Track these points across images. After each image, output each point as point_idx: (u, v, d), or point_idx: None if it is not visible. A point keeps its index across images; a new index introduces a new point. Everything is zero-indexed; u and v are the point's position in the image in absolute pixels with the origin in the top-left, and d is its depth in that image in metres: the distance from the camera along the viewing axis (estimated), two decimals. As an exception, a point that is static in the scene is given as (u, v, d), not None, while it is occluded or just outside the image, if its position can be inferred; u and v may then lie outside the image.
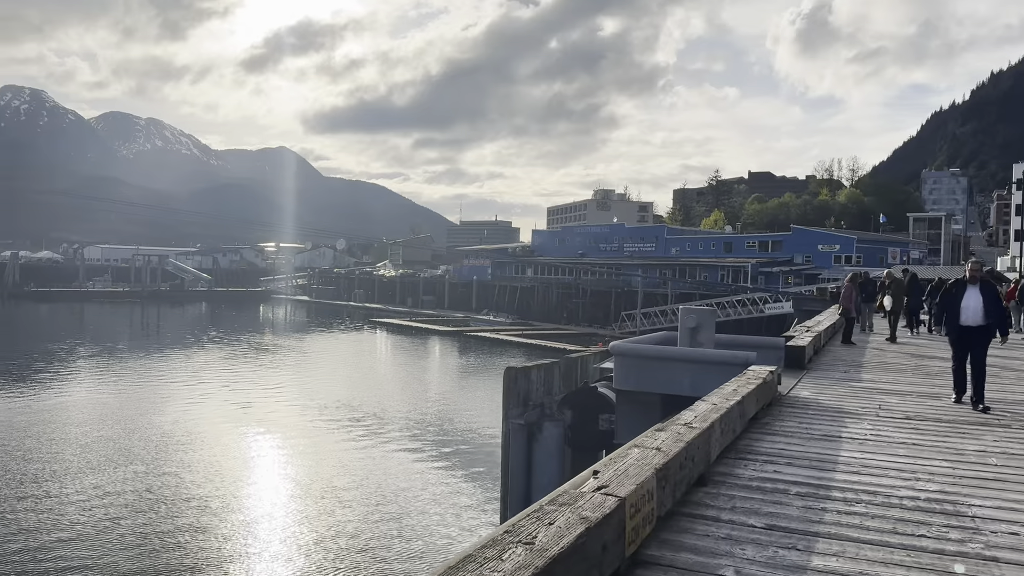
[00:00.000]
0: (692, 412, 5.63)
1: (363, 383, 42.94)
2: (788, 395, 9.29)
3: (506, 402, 11.40)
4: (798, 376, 10.89)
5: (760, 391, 7.29)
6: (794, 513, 4.67)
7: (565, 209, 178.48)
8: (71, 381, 40.86)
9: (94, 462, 24.35)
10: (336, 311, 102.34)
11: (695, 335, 11.05)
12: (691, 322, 11.08)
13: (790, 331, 14.56)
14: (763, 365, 10.44)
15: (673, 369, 10.05)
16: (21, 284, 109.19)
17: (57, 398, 35.44)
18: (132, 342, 61.38)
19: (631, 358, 10.52)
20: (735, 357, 9.61)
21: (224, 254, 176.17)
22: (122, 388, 39.02)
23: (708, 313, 11.77)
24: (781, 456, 6.17)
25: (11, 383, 39.19)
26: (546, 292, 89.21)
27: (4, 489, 21.30)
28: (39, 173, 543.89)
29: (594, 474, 3.72)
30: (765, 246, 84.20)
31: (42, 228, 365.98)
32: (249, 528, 19.11)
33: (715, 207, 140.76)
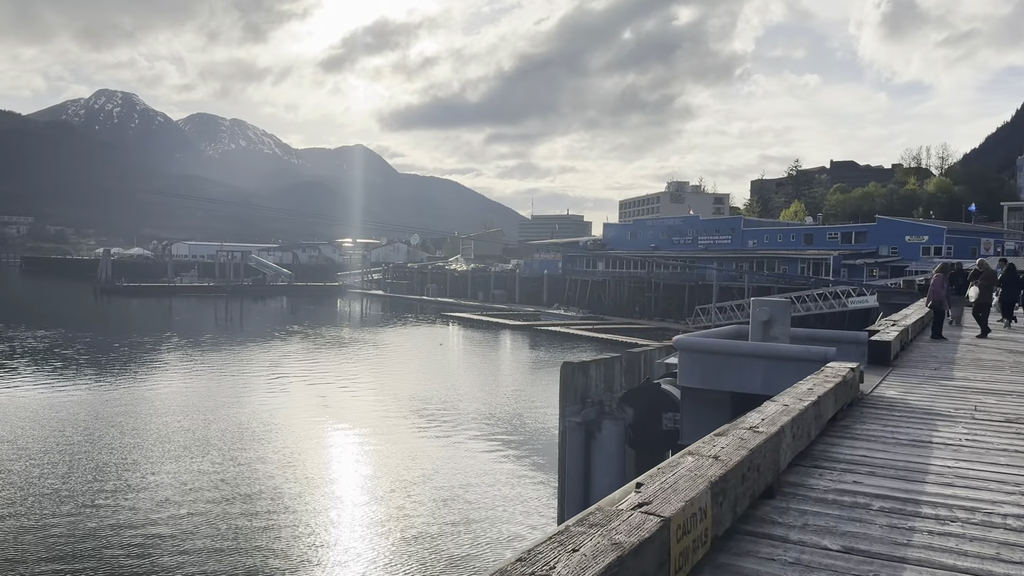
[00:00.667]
0: (759, 414, 5.04)
1: (435, 376, 43.05)
2: (871, 394, 8.51)
3: (563, 399, 10.86)
4: (883, 373, 10.06)
5: (839, 390, 6.61)
6: (876, 533, 4.05)
7: (638, 202, 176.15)
8: (156, 373, 42.23)
9: (173, 452, 24.94)
10: (409, 305, 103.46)
11: (768, 329, 10.26)
12: (763, 315, 10.30)
13: (874, 325, 13.57)
14: (843, 361, 9.67)
15: (743, 365, 9.33)
16: (113, 280, 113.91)
17: (141, 389, 36.61)
18: (216, 335, 63.18)
19: (697, 353, 9.81)
20: (812, 353, 8.87)
21: (303, 250, 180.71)
22: (204, 380, 40.08)
23: (782, 305, 10.92)
24: (862, 464, 5.51)
25: (99, 375, 40.71)
26: (618, 286, 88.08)
27: (86, 478, 21.96)
28: (131, 173, 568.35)
29: (637, 487, 3.23)
30: (848, 237, 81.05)
31: (134, 226, 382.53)
32: (318, 520, 19.18)
33: (795, 198, 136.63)
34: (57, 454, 24.31)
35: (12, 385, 36.30)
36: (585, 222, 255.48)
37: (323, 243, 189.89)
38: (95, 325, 68.60)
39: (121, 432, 27.33)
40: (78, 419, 29.14)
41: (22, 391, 34.85)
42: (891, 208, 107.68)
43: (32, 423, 28.29)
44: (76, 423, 28.44)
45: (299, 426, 29.54)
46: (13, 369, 41.05)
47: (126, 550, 17.05)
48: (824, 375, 6.82)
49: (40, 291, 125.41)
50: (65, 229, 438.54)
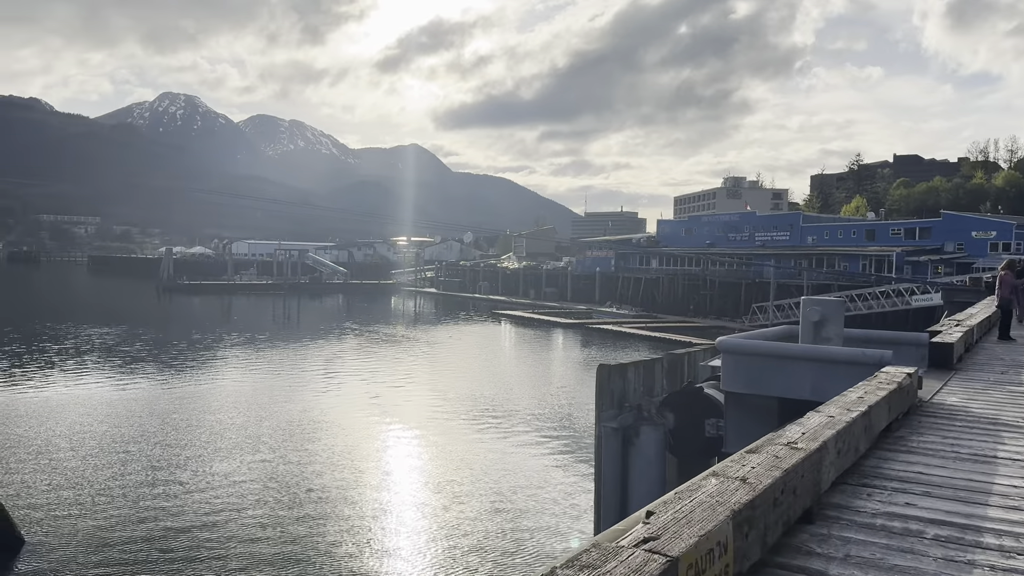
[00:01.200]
0: (800, 427, 4.59)
1: (486, 375, 42.90)
2: (931, 401, 7.92)
3: (599, 403, 10.39)
4: (944, 378, 9.39)
5: (894, 398, 6.09)
6: (930, 568, 3.56)
7: (693, 198, 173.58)
8: (213, 370, 43.00)
9: (223, 450, 25.22)
10: (462, 303, 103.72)
11: (819, 330, 9.62)
12: (815, 315, 9.67)
13: (937, 326, 12.78)
14: (902, 365, 9.08)
15: (791, 369, 8.66)
16: (175, 278, 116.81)
17: (197, 386, 37.27)
18: (273, 333, 64.17)
19: (741, 356, 9.12)
20: (866, 356, 8.32)
21: (359, 248, 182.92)
22: (259, 377, 40.65)
23: (835, 305, 10.25)
24: (917, 482, 4.99)
25: (157, 371, 41.61)
26: (672, 284, 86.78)
27: (138, 474, 22.32)
28: (194, 174, 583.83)
29: (647, 517, 2.85)
30: (912, 233, 78.38)
31: (197, 225, 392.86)
32: (364, 519, 19.10)
33: (856, 193, 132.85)
34: (112, 450, 24.79)
35: (73, 382, 37.31)
36: (639, 219, 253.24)
37: (378, 242, 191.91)
38: (156, 322, 70.39)
39: (175, 429, 27.78)
40: (134, 415, 29.75)
41: (83, 387, 35.79)
42: (957, 203, 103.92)
43: (90, 419, 28.97)
44: (132, 419, 29.03)
45: (349, 424, 29.65)
46: (76, 366, 42.24)
47: (175, 545, 17.22)
48: (878, 381, 6.29)
49: (105, 289, 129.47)
50: (131, 229, 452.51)
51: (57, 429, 27.07)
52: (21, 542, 17.48)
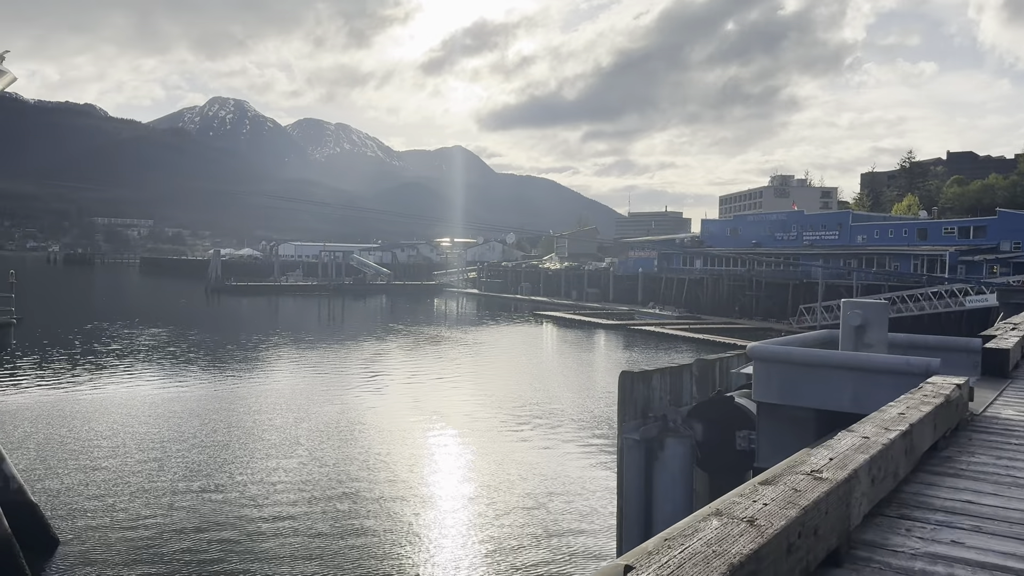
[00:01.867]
0: (828, 451, 4.03)
1: (525, 377, 42.47)
2: (983, 415, 7.24)
3: (621, 413, 9.82)
4: (999, 388, 8.65)
5: (940, 413, 5.47)
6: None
7: (739, 197, 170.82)
8: (255, 370, 43.30)
9: (262, 450, 25.21)
10: (504, 304, 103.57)
11: (861, 335, 8.92)
12: (856, 319, 8.95)
13: (991, 330, 11.96)
14: (951, 374, 8.39)
15: (829, 378, 8.07)
16: (223, 279, 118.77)
17: (240, 386, 37.51)
18: (316, 333, 64.67)
19: (774, 364, 8.46)
20: (911, 365, 7.69)
21: (402, 249, 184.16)
22: (301, 377, 40.82)
23: (878, 308, 9.48)
24: (965, 514, 4.39)
25: (200, 371, 42.04)
26: (716, 284, 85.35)
27: (175, 476, 22.37)
28: (243, 177, 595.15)
29: (625, 572, 2.36)
30: (966, 232, 75.81)
31: (246, 227, 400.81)
32: (394, 521, 18.83)
33: (908, 191, 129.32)
34: (151, 452, 24.94)
35: (117, 382, 37.85)
36: (684, 219, 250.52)
37: (421, 243, 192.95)
38: (204, 323, 71.45)
39: (215, 430, 27.90)
40: (174, 415, 29.98)
41: (126, 388, 36.27)
42: (1014, 201, 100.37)
43: (132, 419, 29.26)
44: (172, 420, 29.25)
45: (388, 426, 29.47)
46: (121, 366, 42.91)
47: (208, 549, 17.13)
48: (922, 393, 5.67)
49: (155, 290, 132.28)
50: (182, 231, 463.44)
51: (99, 429, 27.37)
52: (56, 542, 17.59)
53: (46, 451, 24.46)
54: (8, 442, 23.35)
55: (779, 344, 9.03)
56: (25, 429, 26.96)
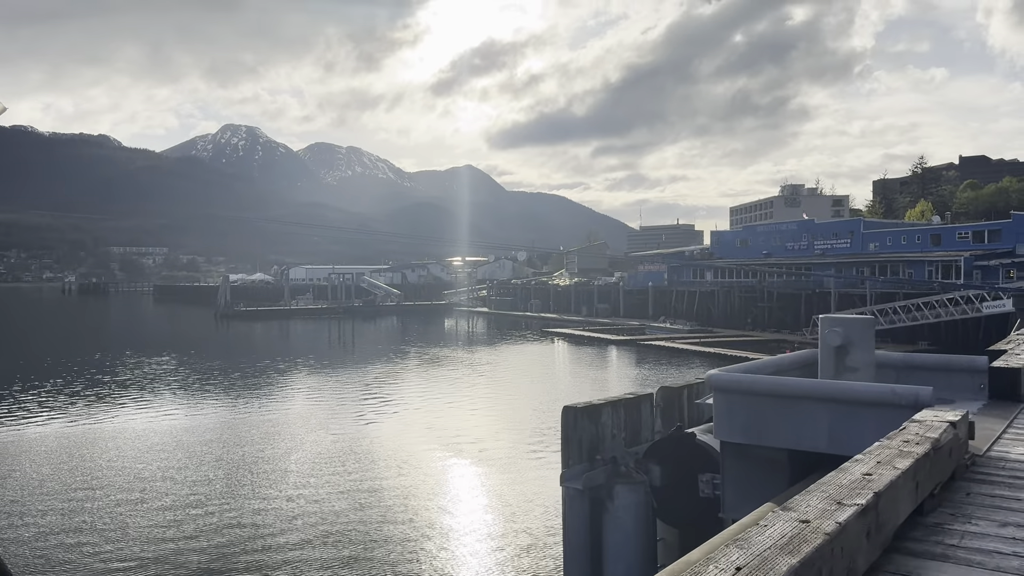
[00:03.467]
0: (742, 551, 2.96)
1: (535, 400, 41.53)
2: (987, 455, 6.06)
3: (564, 456, 8.29)
4: (1008, 416, 7.39)
5: (925, 467, 4.41)
6: None
7: (749, 208, 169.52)
8: (255, 398, 42.58)
9: (253, 485, 24.41)
10: (514, 321, 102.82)
11: (842, 357, 7.75)
12: (835, 339, 7.77)
13: (1002, 343, 10.83)
14: (953, 398, 7.43)
15: (801, 412, 6.67)
16: (232, 304, 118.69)
17: (236, 416, 36.78)
18: (321, 357, 63.98)
19: (737, 395, 7.01)
20: (897, 395, 6.37)
21: (413, 269, 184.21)
22: (302, 404, 40.07)
23: (861, 324, 8.22)
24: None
25: (196, 403, 41.36)
26: (727, 297, 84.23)
27: (156, 515, 21.60)
28: (256, 202, 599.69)
29: None
30: (980, 237, 74.40)
31: (260, 252, 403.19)
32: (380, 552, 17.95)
33: (921, 197, 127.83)
34: (132, 488, 24.19)
35: (111, 415, 37.24)
36: (696, 231, 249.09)
37: (432, 263, 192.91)
38: (210, 349, 71.00)
39: (203, 462, 27.12)
40: (161, 448, 29.25)
41: (119, 421, 35.63)
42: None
43: (120, 454, 28.55)
44: (163, 452, 28.51)
45: (392, 456, 28.62)
46: (120, 398, 42.34)
47: None
48: (902, 440, 4.65)
49: (166, 317, 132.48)
50: (196, 258, 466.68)
51: (85, 466, 26.64)
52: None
53: (21, 492, 23.73)
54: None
55: (745, 371, 7.76)
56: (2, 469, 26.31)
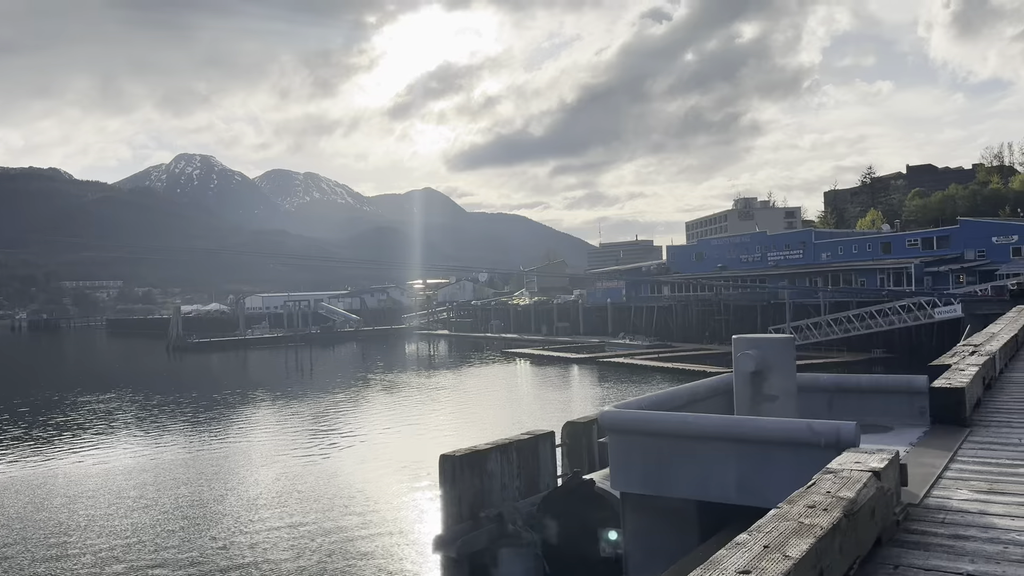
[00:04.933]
0: None
1: (489, 425, 40.41)
2: (925, 502, 5.09)
3: (444, 513, 6.84)
4: (952, 445, 6.42)
5: (835, 544, 3.41)
6: None
7: (705, 222, 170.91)
8: (194, 434, 40.81)
9: (178, 529, 22.94)
10: (475, 343, 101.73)
11: (759, 385, 6.51)
12: (748, 363, 6.58)
13: (948, 355, 9.93)
14: (891, 424, 6.63)
15: (707, 455, 5.50)
16: (184, 336, 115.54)
17: (185, 452, 35.10)
18: (274, 388, 62.05)
19: (634, 437, 5.76)
20: (815, 433, 5.24)
21: (372, 294, 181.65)
22: (242, 439, 38.45)
23: (779, 345, 7.01)
24: None
25: (134, 440, 39.50)
26: (685, 311, 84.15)
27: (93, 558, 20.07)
28: (213, 232, 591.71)
29: None
30: (929, 243, 75.35)
31: (218, 282, 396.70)
32: None
33: (871, 206, 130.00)
34: (72, 532, 22.59)
35: (47, 457, 35.29)
36: (655, 246, 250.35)
37: (391, 286, 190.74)
38: (157, 384, 68.53)
39: (131, 507, 25.57)
40: (97, 491, 27.58)
41: (53, 464, 33.73)
42: (975, 209, 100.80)
43: (49, 499, 26.82)
44: (94, 496, 26.86)
45: (321, 492, 27.30)
46: (61, 437, 40.29)
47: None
48: (806, 505, 3.57)
49: (117, 352, 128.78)
50: (152, 290, 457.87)
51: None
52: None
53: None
54: None
55: (651, 404, 6.53)
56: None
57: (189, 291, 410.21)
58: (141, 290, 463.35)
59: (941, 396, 6.99)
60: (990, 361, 9.08)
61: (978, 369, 8.04)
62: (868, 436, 6.29)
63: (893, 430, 6.51)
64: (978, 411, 7.82)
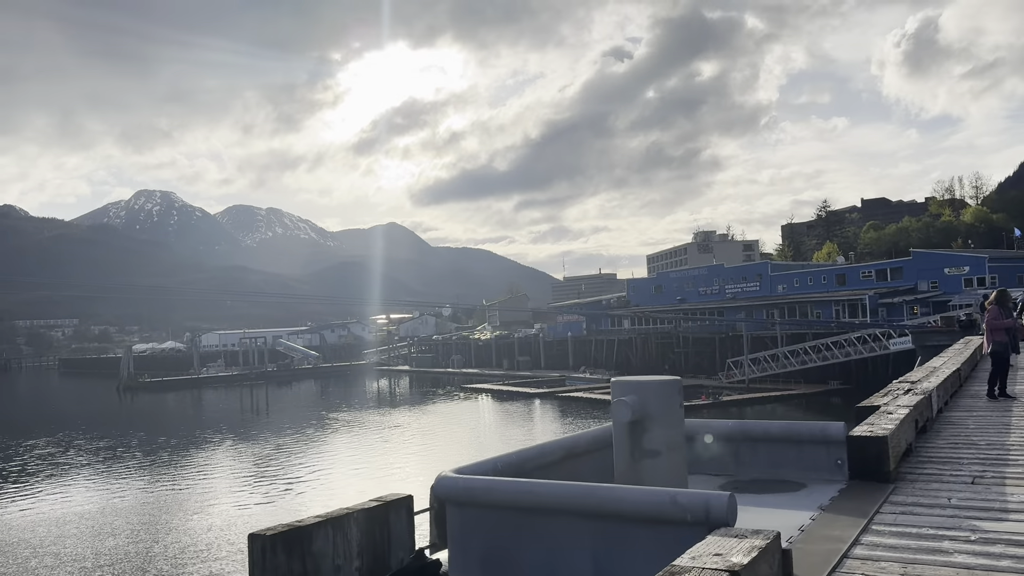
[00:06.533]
0: None
1: (436, 461, 39.05)
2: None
3: None
4: (869, 509, 5.34)
5: None
6: None
7: (665, 255, 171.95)
8: (130, 480, 38.87)
9: None
10: (435, 379, 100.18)
11: (639, 438, 5.42)
12: (624, 412, 5.42)
13: (880, 394, 9.05)
14: (800, 483, 5.77)
15: (557, 534, 4.42)
16: (135, 376, 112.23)
17: (101, 502, 33.23)
18: (219, 429, 59.93)
19: (472, 510, 4.67)
20: (680, 508, 4.08)
21: (332, 330, 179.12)
22: (175, 485, 36.64)
23: (662, 390, 5.75)
24: None
25: (61, 488, 37.44)
26: (645, 344, 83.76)
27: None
28: (172, 269, 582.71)
29: None
30: (883, 275, 76.04)
31: (177, 319, 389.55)
32: None
33: (827, 239, 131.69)
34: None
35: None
36: (618, 280, 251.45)
37: (352, 322, 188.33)
38: (101, 427, 65.80)
39: (57, 560, 23.82)
40: (11, 544, 25.73)
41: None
42: (928, 241, 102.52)
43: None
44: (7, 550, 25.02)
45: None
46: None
47: None
48: None
49: (66, 393, 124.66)
50: (108, 328, 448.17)
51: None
52: None
53: None
54: None
55: (501, 466, 5.20)
56: None
57: (147, 329, 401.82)
58: (97, 328, 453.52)
59: (860, 447, 5.96)
60: (924, 401, 8.20)
61: (908, 412, 7.11)
62: (776, 496, 5.39)
63: (806, 487, 5.60)
64: (907, 461, 6.83)
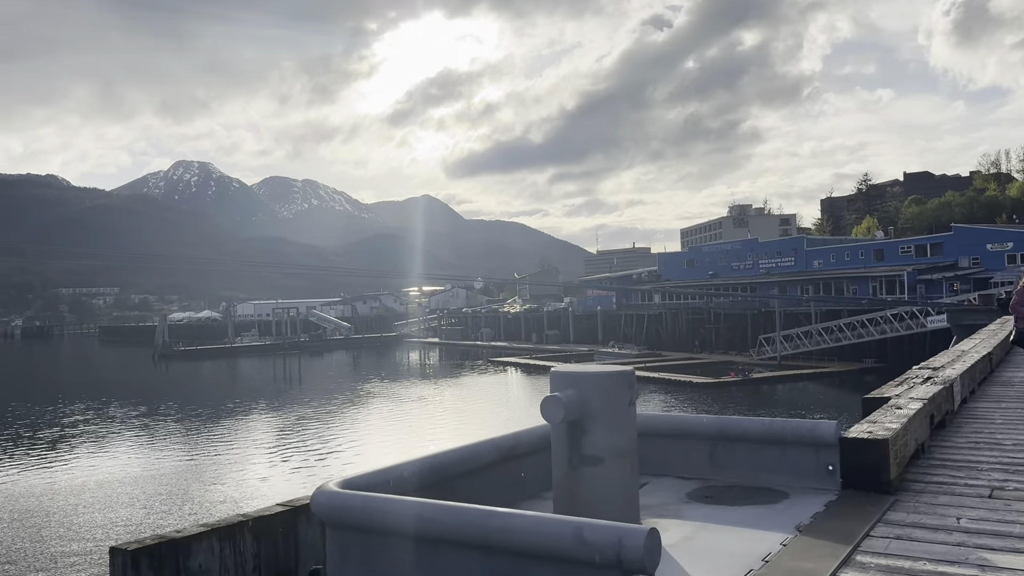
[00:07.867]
0: None
1: (461, 434, 38.73)
2: None
3: None
4: (859, 530, 4.19)
5: None
6: None
7: (699, 229, 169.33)
8: (166, 446, 39.15)
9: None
10: (464, 351, 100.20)
11: (578, 440, 4.29)
12: (557, 412, 4.18)
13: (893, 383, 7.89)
14: (783, 492, 5.01)
15: (448, 568, 3.38)
16: (170, 344, 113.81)
17: (145, 468, 33.43)
18: (250, 398, 60.36)
19: (352, 533, 3.64)
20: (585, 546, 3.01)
21: (364, 301, 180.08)
22: (194, 456, 36.80)
23: (604, 383, 4.40)
24: None
25: (112, 449, 37.83)
26: (675, 319, 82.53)
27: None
28: (210, 239, 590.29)
29: None
30: (923, 251, 73.67)
31: (215, 289, 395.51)
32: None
33: (867, 213, 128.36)
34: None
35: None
36: (651, 254, 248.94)
37: (384, 294, 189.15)
38: (134, 394, 66.70)
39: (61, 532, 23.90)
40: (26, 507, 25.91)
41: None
42: (971, 217, 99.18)
43: None
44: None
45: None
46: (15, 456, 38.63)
47: None
48: None
49: (105, 360, 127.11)
50: (148, 297, 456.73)
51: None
52: None
53: None
54: None
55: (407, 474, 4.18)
56: None
57: (186, 298, 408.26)
58: (138, 297, 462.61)
59: (855, 451, 4.87)
60: (944, 392, 7.13)
61: (921, 407, 6.11)
62: (748, 510, 4.56)
63: (788, 498, 4.76)
64: (916, 464, 5.66)
